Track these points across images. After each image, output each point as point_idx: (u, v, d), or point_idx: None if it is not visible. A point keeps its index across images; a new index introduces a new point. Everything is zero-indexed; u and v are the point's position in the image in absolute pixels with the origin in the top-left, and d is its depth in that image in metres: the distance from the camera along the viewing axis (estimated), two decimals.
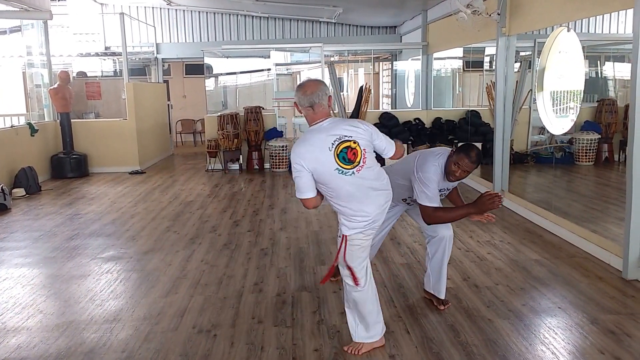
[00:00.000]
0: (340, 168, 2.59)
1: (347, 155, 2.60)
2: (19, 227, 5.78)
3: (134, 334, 3.19)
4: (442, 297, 3.48)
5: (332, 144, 2.59)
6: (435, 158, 3.22)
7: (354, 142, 2.62)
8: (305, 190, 2.64)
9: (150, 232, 5.46)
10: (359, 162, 2.63)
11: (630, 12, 3.87)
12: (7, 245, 5.11)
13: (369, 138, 2.71)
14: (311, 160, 2.59)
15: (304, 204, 2.71)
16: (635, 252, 3.85)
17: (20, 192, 7.38)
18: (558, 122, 5.74)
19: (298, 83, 2.84)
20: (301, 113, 2.75)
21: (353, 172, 2.61)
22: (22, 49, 9.82)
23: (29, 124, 8.47)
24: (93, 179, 8.86)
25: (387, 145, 2.85)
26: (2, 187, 6.64)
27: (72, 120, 9.09)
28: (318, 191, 2.71)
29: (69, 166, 8.88)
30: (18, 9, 8.11)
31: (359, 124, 2.72)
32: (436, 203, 3.20)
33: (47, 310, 3.58)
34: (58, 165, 8.85)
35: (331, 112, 2.83)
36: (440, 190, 3.29)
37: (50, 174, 8.85)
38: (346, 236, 2.74)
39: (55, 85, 8.93)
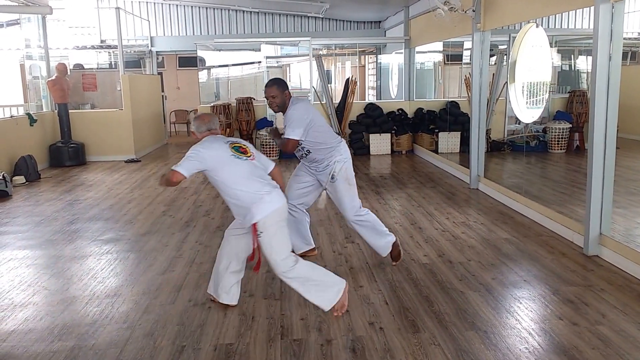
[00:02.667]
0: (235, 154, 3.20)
1: (240, 149, 3.23)
2: (20, 212, 6.02)
3: (134, 307, 3.45)
4: (384, 254, 4.09)
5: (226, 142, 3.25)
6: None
7: (245, 146, 3.32)
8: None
9: (146, 216, 5.74)
10: (250, 156, 3.24)
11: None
12: (10, 229, 5.35)
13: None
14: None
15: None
16: (596, 229, 4.21)
17: (20, 179, 7.58)
18: (528, 111, 6.13)
19: (198, 115, 3.52)
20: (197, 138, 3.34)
21: (244, 159, 3.20)
22: (21, 42, 10.00)
23: (28, 114, 8.67)
24: (90, 167, 9.12)
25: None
26: (3, 174, 6.85)
27: (69, 111, 9.31)
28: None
29: (67, 155, 9.12)
30: (19, 4, 8.35)
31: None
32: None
33: (51, 287, 3.82)
34: (56, 153, 9.09)
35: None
36: None
37: (49, 162, 9.09)
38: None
39: (53, 77, 9.13)
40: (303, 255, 4.08)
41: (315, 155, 3.98)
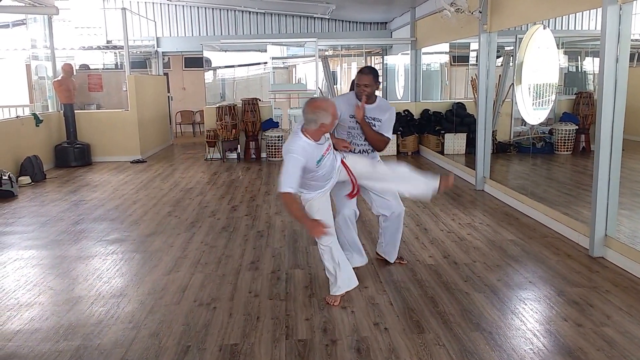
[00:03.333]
0: None
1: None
2: (26, 212, 6.04)
3: (139, 307, 3.46)
4: (392, 260, 4.12)
5: None
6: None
7: None
8: None
9: (152, 216, 5.75)
10: None
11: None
12: (16, 229, 5.37)
13: None
14: None
15: None
16: (601, 231, 4.21)
17: (26, 179, 7.61)
18: (534, 113, 6.11)
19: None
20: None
21: None
22: (27, 42, 10.05)
23: (34, 115, 8.71)
24: (96, 167, 9.17)
25: None
26: (8, 175, 6.88)
27: (75, 111, 9.34)
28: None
29: (73, 155, 9.16)
30: (25, 4, 8.40)
31: None
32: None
33: (57, 287, 3.83)
34: (62, 154, 9.13)
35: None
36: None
37: (55, 162, 9.13)
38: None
39: (59, 78, 9.18)
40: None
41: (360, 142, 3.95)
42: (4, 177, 6.79)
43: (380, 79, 4.01)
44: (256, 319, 3.27)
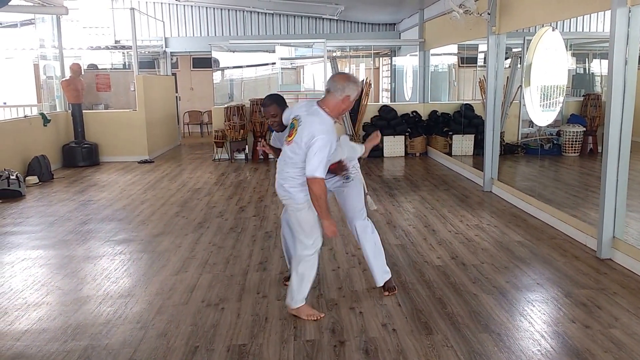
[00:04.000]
0: None
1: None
2: (33, 212, 6.06)
3: (147, 308, 3.47)
4: (378, 284, 3.64)
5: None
6: None
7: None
8: None
9: (160, 217, 5.77)
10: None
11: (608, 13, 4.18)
12: (23, 229, 5.39)
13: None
14: None
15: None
16: (609, 233, 4.20)
17: (33, 179, 7.63)
18: (543, 114, 6.10)
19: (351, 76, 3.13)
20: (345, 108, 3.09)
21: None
22: (34, 42, 10.11)
23: (42, 115, 8.74)
24: (103, 167, 9.20)
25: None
26: (16, 174, 6.91)
27: (83, 111, 9.38)
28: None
29: (80, 155, 9.19)
30: (34, 4, 8.46)
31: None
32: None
33: (65, 287, 3.84)
34: (70, 154, 9.16)
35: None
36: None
37: (62, 162, 9.16)
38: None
39: (67, 77, 9.24)
40: None
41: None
42: (11, 177, 6.82)
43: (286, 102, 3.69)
44: (264, 320, 3.28)
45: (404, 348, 2.90)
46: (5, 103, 10.58)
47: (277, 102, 3.59)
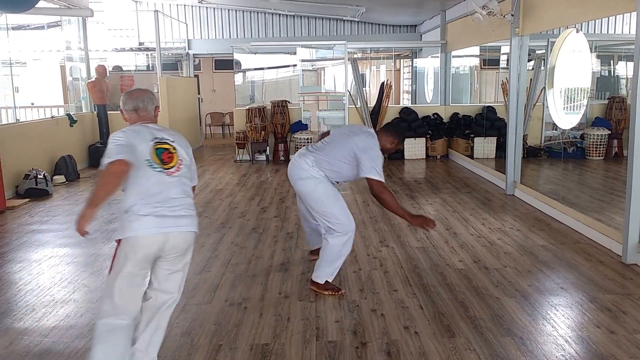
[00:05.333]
0: (151, 160, 2.49)
1: (162, 155, 2.53)
2: (60, 211, 6.20)
3: None
4: (318, 281, 3.66)
5: (152, 140, 2.54)
6: (374, 138, 3.67)
7: (173, 148, 2.58)
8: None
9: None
10: (173, 167, 2.55)
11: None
12: (51, 227, 5.52)
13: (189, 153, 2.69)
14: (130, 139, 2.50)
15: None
16: (635, 238, 4.14)
17: (60, 179, 7.80)
18: (567, 117, 6.02)
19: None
20: (125, 119, 2.69)
21: (162, 172, 2.51)
22: (61, 44, 10.32)
23: (68, 115, 8.92)
24: None
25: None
26: (44, 174, 7.08)
27: (108, 112, 9.54)
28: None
29: None
30: (61, 7, 8.65)
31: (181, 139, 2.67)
32: (384, 179, 3.57)
33: (91, 285, 3.91)
34: (95, 154, 9.28)
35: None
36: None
37: (88, 162, 9.33)
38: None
39: (93, 79, 9.42)
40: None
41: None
42: (39, 176, 6.98)
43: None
44: (287, 320, 3.30)
45: (426, 351, 2.91)
46: (32, 104, 10.82)
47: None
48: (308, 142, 9.35)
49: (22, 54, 11.60)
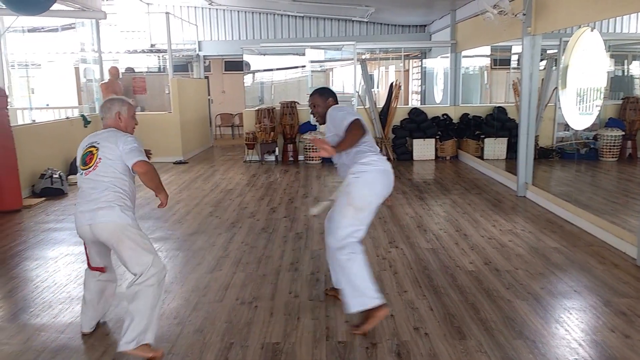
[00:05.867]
0: (79, 165, 2.98)
1: (85, 158, 2.93)
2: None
3: (184, 304, 3.57)
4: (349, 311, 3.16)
5: (85, 146, 2.98)
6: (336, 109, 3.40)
7: (96, 149, 2.91)
8: None
9: (194, 216, 5.90)
10: (90, 167, 2.89)
11: None
12: (66, 225, 5.60)
13: (118, 154, 2.89)
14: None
15: None
16: None
17: (75, 178, 7.75)
18: (580, 118, 5.96)
19: None
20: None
21: (82, 173, 2.93)
22: (75, 46, 10.43)
23: (83, 116, 9.00)
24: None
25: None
26: (59, 173, 7.19)
27: None
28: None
29: None
30: (75, 9, 8.74)
31: (119, 141, 2.91)
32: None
33: None
34: None
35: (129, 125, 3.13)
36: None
37: None
38: None
39: (106, 80, 9.52)
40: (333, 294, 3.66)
41: (345, 159, 3.32)
42: (54, 176, 7.08)
43: (333, 94, 3.46)
44: (297, 319, 3.32)
45: (437, 352, 2.90)
46: (48, 105, 10.94)
47: (319, 92, 3.48)
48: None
49: (37, 56, 11.74)
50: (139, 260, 2.85)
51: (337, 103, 3.45)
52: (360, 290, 3.11)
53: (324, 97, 3.44)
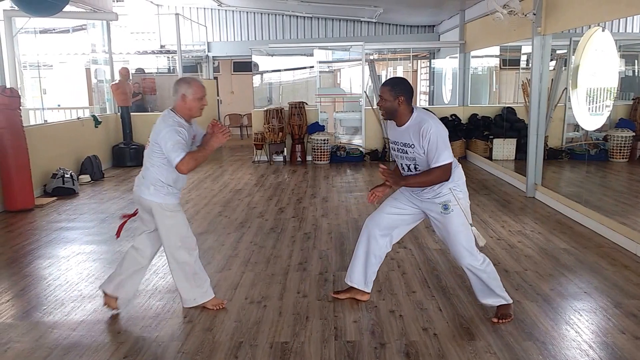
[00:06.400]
0: None
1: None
2: (86, 209, 6.35)
3: None
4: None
5: None
6: None
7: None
8: None
9: (203, 216, 5.94)
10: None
11: None
12: (77, 225, 5.67)
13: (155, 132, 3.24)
14: None
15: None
16: None
17: (86, 178, 8.02)
18: (591, 118, 5.91)
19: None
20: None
21: None
22: (86, 47, 10.52)
23: (93, 117, 9.10)
24: None
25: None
26: (70, 173, 7.26)
27: (131, 114, 9.69)
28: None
29: (129, 155, 9.51)
30: (86, 11, 8.83)
31: (162, 130, 3.18)
32: None
33: None
34: (119, 154, 9.51)
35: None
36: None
37: (112, 162, 9.52)
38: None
39: (117, 81, 9.58)
40: (353, 295, 3.59)
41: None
42: (66, 176, 7.15)
43: (410, 88, 3.17)
44: (305, 319, 3.33)
45: (446, 353, 2.90)
46: (59, 105, 11.04)
47: (390, 84, 3.13)
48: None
49: (49, 57, 11.85)
50: (164, 240, 3.37)
51: (411, 101, 3.15)
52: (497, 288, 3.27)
53: (393, 92, 3.08)
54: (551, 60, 6.98)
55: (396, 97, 3.08)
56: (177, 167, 3.07)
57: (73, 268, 4.34)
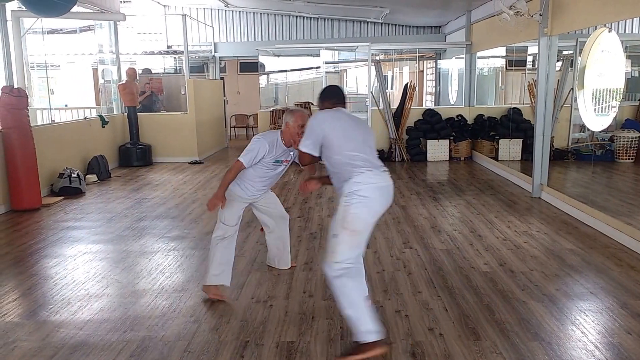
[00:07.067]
0: None
1: None
2: (93, 209, 6.40)
3: (200, 302, 3.62)
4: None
5: None
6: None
7: None
8: None
9: (210, 215, 5.84)
10: None
11: None
12: (84, 224, 5.71)
13: None
14: None
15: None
16: None
17: (92, 178, 8.07)
18: (597, 119, 5.90)
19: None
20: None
21: None
22: (94, 47, 10.57)
23: (100, 117, 9.15)
24: (156, 167, 9.54)
25: None
26: (77, 173, 7.30)
27: (138, 114, 9.75)
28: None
29: (135, 155, 9.58)
30: (94, 11, 8.87)
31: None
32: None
33: (123, 280, 4.06)
34: (125, 154, 9.57)
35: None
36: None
37: (119, 162, 9.58)
38: None
39: (124, 81, 9.64)
40: None
41: (333, 180, 3.11)
42: (73, 175, 7.20)
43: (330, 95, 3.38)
44: (311, 319, 3.35)
45: (452, 353, 2.91)
46: (66, 105, 11.10)
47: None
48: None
49: (57, 57, 11.92)
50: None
51: (334, 105, 3.19)
52: (358, 320, 2.86)
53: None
54: (557, 61, 6.96)
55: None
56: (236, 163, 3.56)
57: (79, 267, 4.38)
